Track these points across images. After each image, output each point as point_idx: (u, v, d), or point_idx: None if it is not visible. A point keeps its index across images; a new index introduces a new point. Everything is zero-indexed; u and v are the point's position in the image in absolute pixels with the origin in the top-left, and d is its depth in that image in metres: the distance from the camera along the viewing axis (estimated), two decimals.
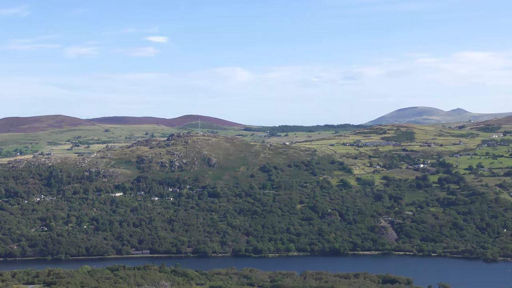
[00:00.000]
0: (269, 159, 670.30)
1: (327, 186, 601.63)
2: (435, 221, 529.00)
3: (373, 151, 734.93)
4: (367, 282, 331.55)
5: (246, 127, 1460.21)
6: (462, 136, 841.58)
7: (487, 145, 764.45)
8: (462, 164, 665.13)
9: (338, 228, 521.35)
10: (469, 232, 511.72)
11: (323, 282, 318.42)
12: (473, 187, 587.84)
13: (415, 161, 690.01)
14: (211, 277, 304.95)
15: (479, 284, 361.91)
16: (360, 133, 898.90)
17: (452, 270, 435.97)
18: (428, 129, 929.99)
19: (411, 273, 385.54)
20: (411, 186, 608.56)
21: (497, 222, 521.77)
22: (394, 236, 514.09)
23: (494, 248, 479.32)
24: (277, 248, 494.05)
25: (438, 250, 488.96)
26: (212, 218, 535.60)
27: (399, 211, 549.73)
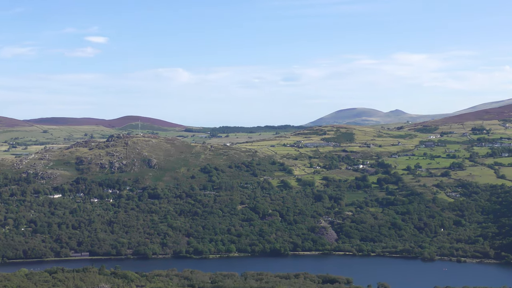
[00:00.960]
0: (210, 160, 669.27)
1: (267, 187, 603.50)
2: (374, 221, 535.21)
3: (313, 152, 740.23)
4: (307, 282, 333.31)
5: (187, 128, 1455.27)
6: (401, 137, 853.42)
7: (424, 146, 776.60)
8: (400, 165, 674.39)
9: (278, 229, 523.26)
10: (407, 232, 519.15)
11: (263, 282, 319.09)
12: (411, 187, 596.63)
13: (355, 161, 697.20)
14: (151, 278, 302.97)
15: (417, 283, 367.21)
16: (300, 134, 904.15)
17: (391, 269, 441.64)
18: (368, 130, 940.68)
19: (351, 273, 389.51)
20: (350, 186, 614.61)
21: (434, 222, 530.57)
22: (334, 236, 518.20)
23: (432, 247, 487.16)
24: (218, 249, 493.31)
25: (377, 249, 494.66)
26: (153, 219, 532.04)
27: (339, 212, 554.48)
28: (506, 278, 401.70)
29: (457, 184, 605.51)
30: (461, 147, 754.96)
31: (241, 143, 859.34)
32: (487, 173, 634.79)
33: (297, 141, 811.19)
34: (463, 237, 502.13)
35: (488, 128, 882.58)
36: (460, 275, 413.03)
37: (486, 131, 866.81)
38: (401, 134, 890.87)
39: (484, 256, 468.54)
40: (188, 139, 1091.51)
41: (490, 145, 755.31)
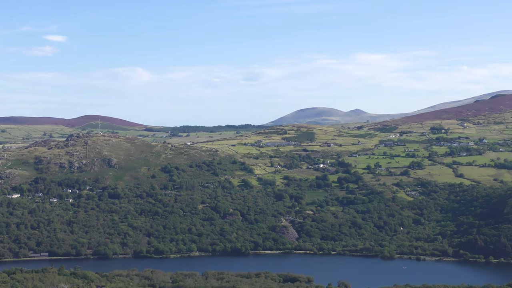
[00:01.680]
0: (170, 160, 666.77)
1: (228, 186, 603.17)
2: (335, 220, 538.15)
3: (274, 151, 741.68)
4: (268, 281, 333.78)
5: (148, 128, 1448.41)
6: (361, 136, 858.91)
7: (384, 145, 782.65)
8: (360, 164, 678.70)
9: (239, 228, 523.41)
10: (367, 231, 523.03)
11: (224, 282, 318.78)
12: (371, 186, 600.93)
13: (315, 161, 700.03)
14: (111, 278, 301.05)
15: (377, 281, 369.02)
16: (261, 134, 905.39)
17: (351, 268, 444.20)
18: (328, 129, 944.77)
19: (312, 272, 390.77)
20: (311, 185, 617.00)
21: (394, 221, 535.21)
22: (294, 235, 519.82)
23: (391, 245, 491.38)
24: (178, 249, 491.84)
25: (337, 248, 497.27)
26: (113, 219, 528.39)
27: (299, 211, 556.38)
28: (464, 275, 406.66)
29: (416, 183, 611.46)
30: (420, 147, 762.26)
31: (202, 143, 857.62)
32: (446, 172, 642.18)
33: (258, 141, 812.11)
34: (422, 236, 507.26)
35: (447, 128, 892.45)
36: (419, 273, 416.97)
37: (445, 130, 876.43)
38: (361, 133, 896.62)
39: (442, 254, 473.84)
40: (149, 138, 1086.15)
41: (448, 145, 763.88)
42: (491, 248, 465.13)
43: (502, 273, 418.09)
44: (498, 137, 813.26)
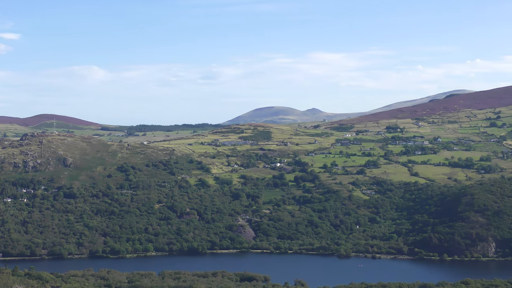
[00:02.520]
0: (126, 159, 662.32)
1: (185, 186, 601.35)
2: (292, 219, 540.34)
3: (231, 150, 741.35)
4: (225, 281, 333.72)
5: (103, 127, 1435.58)
6: (317, 135, 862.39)
7: (340, 144, 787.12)
8: (317, 163, 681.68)
9: (196, 227, 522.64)
10: (323, 229, 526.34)
11: (181, 281, 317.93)
12: (327, 185, 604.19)
13: (272, 160, 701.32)
14: (67, 279, 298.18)
15: (333, 280, 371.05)
16: (218, 133, 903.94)
17: (308, 266, 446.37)
18: (285, 128, 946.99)
19: (269, 271, 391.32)
20: (268, 184, 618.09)
21: (350, 219, 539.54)
22: (251, 234, 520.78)
23: (347, 244, 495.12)
24: (135, 249, 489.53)
25: (294, 247, 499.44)
26: (68, 219, 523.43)
27: (256, 210, 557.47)
28: (419, 273, 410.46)
29: (372, 182, 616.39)
30: (376, 145, 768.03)
31: (158, 142, 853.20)
32: (401, 171, 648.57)
33: (215, 140, 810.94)
34: (378, 234, 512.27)
35: (402, 127, 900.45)
36: (375, 271, 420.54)
37: (400, 129, 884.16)
38: (317, 132, 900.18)
39: (398, 252, 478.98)
40: (105, 137, 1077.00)
41: (404, 143, 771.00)
42: (445, 246, 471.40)
43: (456, 271, 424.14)
44: (452, 136, 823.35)
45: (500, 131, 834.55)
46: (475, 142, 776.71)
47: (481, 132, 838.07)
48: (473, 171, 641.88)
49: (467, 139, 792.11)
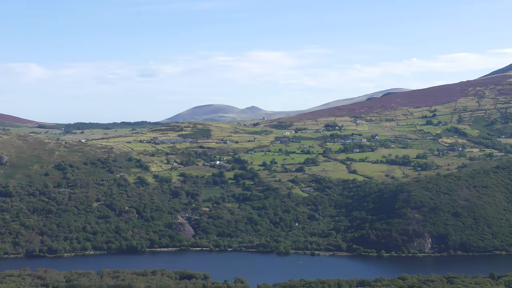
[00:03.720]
0: (64, 157, 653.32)
1: (124, 184, 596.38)
2: (231, 216, 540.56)
3: (170, 148, 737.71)
4: (164, 279, 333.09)
5: (40, 124, 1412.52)
6: (257, 133, 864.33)
7: (280, 142, 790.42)
8: (256, 161, 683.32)
9: (135, 226, 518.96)
10: (263, 227, 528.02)
11: (120, 280, 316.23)
12: (267, 183, 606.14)
13: (212, 158, 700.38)
14: (2, 279, 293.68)
15: (273, 277, 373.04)
16: (157, 130, 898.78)
17: (248, 264, 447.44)
18: (224, 126, 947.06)
19: (208, 269, 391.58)
20: (207, 182, 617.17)
21: (289, 217, 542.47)
22: (191, 232, 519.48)
23: (287, 241, 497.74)
24: (73, 247, 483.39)
25: (234, 245, 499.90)
26: (4, 218, 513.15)
27: (196, 208, 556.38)
28: (357, 270, 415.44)
29: (311, 179, 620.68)
30: (315, 143, 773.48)
31: (96, 140, 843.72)
32: (340, 168, 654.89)
33: (154, 138, 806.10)
34: (317, 231, 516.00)
35: (341, 125, 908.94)
36: (314, 268, 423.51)
37: (339, 127, 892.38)
38: (257, 130, 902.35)
39: (336, 249, 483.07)
40: (42, 135, 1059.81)
41: (342, 141, 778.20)
42: (383, 242, 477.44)
43: (393, 267, 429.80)
44: (390, 134, 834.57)
45: (436, 129, 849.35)
46: (412, 140, 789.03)
47: (417, 130, 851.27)
48: (409, 168, 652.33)
49: (404, 137, 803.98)
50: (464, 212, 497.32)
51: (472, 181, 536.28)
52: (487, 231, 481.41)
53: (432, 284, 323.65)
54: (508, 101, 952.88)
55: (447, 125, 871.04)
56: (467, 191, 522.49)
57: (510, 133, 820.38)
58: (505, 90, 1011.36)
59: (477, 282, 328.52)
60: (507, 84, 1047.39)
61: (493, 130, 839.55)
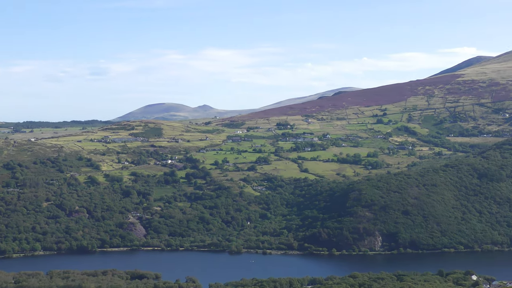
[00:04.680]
0: (13, 156, 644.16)
1: (74, 183, 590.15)
2: (183, 215, 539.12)
3: (121, 147, 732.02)
4: (115, 279, 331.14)
5: None
6: (209, 132, 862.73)
7: (232, 141, 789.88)
8: (208, 159, 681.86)
9: (86, 226, 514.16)
10: (215, 226, 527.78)
11: (70, 281, 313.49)
12: (219, 182, 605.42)
13: (163, 156, 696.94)
14: None
15: (225, 276, 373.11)
16: (108, 129, 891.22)
17: (199, 263, 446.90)
18: (176, 125, 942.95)
19: (160, 268, 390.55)
20: (159, 181, 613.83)
21: (241, 216, 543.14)
22: (142, 232, 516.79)
23: (239, 240, 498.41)
24: (22, 248, 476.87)
25: (185, 244, 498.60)
26: None
27: (147, 207, 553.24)
28: (309, 268, 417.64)
29: (263, 178, 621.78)
30: (266, 142, 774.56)
31: (46, 139, 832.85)
32: (291, 167, 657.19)
33: (105, 136, 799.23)
34: (268, 230, 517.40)
35: (292, 123, 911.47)
36: (266, 267, 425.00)
37: (290, 126, 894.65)
38: (209, 129, 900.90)
39: (288, 247, 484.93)
40: None
41: (294, 140, 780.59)
42: (334, 240, 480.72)
43: (344, 265, 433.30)
44: (341, 132, 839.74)
45: (386, 128, 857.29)
46: (363, 139, 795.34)
47: (368, 129, 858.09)
48: (360, 167, 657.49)
49: (355, 136, 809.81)
50: (414, 210, 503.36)
51: (422, 180, 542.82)
52: (436, 228, 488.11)
53: (382, 282, 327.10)
54: (456, 100, 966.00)
55: (397, 124, 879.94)
56: (416, 189, 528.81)
57: (459, 131, 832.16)
58: (454, 90, 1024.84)
59: (426, 280, 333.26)
60: (456, 83, 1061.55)
61: (442, 129, 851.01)
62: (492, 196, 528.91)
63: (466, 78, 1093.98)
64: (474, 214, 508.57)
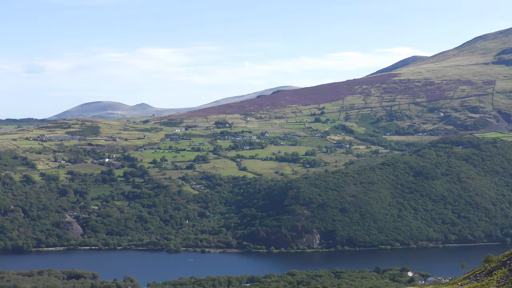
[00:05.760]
0: None
1: (9, 182, 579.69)
2: (121, 214, 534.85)
3: (58, 145, 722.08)
4: (51, 279, 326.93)
5: None
6: (147, 130, 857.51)
7: (170, 139, 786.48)
8: (146, 158, 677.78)
9: (21, 225, 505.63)
10: (153, 225, 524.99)
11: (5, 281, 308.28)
12: (157, 180, 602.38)
13: (101, 155, 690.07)
14: None
15: (163, 275, 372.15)
16: (44, 128, 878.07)
17: (137, 262, 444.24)
18: (113, 123, 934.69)
19: (97, 268, 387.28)
20: (96, 180, 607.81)
21: (180, 214, 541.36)
22: (79, 231, 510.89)
23: (177, 239, 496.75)
24: None
25: (123, 243, 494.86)
26: None
27: (84, 206, 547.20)
28: (247, 266, 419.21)
29: (201, 177, 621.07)
30: (205, 141, 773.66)
31: None
32: (230, 166, 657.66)
33: (41, 135, 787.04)
34: (207, 228, 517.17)
35: (231, 122, 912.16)
36: (205, 265, 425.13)
37: (229, 125, 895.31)
38: (147, 127, 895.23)
39: (227, 246, 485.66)
40: None
41: (232, 139, 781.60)
42: (273, 238, 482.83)
43: (283, 263, 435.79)
44: (279, 131, 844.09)
45: (324, 126, 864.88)
46: (301, 137, 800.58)
47: (306, 128, 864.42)
48: (299, 165, 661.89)
49: (293, 134, 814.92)
50: (351, 208, 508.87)
51: (359, 178, 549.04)
52: (373, 226, 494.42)
53: (320, 279, 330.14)
54: (393, 99, 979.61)
55: (335, 122, 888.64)
56: (354, 187, 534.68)
57: (395, 130, 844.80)
58: (390, 89, 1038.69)
59: (363, 276, 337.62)
60: (392, 82, 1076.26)
61: (379, 127, 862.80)
62: (427, 193, 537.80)
63: (402, 77, 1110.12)
64: (410, 212, 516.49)
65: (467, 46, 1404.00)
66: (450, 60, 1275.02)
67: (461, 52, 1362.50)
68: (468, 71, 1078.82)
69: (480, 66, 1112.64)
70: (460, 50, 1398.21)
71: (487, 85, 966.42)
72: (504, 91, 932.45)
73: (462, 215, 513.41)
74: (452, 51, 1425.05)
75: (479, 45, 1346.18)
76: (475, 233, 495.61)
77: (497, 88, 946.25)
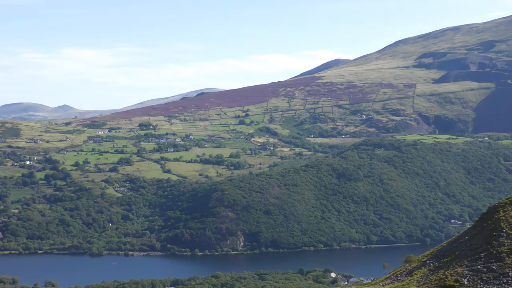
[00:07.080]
0: None
1: None
2: (42, 218, 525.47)
3: None
4: None
5: None
6: (69, 132, 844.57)
7: (93, 142, 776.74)
8: (69, 161, 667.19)
9: None
10: (75, 228, 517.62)
11: None
12: (79, 183, 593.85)
13: (21, 158, 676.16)
14: None
15: (86, 279, 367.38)
16: None
17: (59, 266, 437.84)
18: (35, 125, 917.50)
19: (17, 272, 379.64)
20: (17, 183, 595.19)
21: (103, 217, 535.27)
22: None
23: (100, 242, 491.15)
24: None
25: (44, 247, 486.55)
26: None
27: (4, 210, 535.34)
28: (171, 269, 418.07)
29: (125, 179, 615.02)
30: (129, 143, 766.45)
31: None
32: (154, 168, 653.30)
33: None
34: (131, 231, 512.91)
35: (155, 124, 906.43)
36: (128, 269, 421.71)
37: (153, 127, 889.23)
38: (69, 129, 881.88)
39: (151, 249, 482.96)
40: None
41: (156, 141, 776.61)
42: (197, 241, 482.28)
43: (207, 265, 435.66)
44: (204, 133, 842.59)
45: (249, 129, 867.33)
46: (225, 139, 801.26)
47: (230, 130, 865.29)
48: (223, 167, 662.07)
49: (218, 136, 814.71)
50: (275, 210, 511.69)
51: (283, 180, 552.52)
52: (297, 228, 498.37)
53: (244, 281, 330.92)
54: (316, 101, 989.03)
55: (259, 124, 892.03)
56: (278, 189, 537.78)
57: (319, 132, 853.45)
58: (314, 91, 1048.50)
59: (287, 278, 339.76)
60: (315, 85, 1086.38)
61: (303, 129, 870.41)
62: (350, 195, 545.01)
63: (325, 80, 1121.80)
64: (333, 213, 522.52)
65: (388, 50, 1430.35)
66: (372, 64, 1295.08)
67: (383, 55, 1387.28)
68: (389, 74, 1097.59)
69: (401, 70, 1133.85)
70: (382, 53, 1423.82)
71: (408, 88, 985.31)
72: (424, 94, 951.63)
73: (384, 216, 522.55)
74: (374, 54, 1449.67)
75: (400, 49, 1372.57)
76: (396, 234, 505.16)
77: (417, 91, 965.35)
